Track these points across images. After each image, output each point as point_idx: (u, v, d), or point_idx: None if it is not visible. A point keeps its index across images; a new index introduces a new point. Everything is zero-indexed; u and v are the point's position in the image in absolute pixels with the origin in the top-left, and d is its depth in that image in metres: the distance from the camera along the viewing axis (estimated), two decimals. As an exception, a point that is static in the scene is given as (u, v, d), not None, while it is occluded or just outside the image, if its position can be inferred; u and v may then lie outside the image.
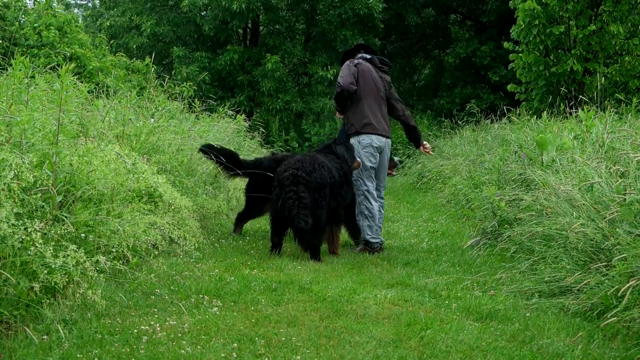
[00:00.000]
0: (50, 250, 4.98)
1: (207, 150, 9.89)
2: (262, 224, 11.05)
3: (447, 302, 6.56)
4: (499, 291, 6.88)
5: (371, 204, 9.24)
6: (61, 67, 6.16)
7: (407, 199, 15.78)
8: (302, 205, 8.20)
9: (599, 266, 6.14)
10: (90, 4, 35.13)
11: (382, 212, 9.55)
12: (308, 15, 29.01)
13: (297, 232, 8.41)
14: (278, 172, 8.60)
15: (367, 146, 9.28)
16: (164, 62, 29.97)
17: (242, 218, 10.32)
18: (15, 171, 5.09)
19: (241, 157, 10.55)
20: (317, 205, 8.33)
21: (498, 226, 8.94)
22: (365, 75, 9.36)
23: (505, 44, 19.16)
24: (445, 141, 19.71)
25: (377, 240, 9.22)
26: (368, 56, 9.56)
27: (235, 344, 5.12)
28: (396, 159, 10.59)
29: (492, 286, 7.12)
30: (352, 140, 9.33)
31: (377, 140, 9.32)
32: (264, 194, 9.64)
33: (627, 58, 17.94)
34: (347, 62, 9.45)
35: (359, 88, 9.30)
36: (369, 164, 9.27)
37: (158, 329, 5.34)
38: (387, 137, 9.43)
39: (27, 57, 7.30)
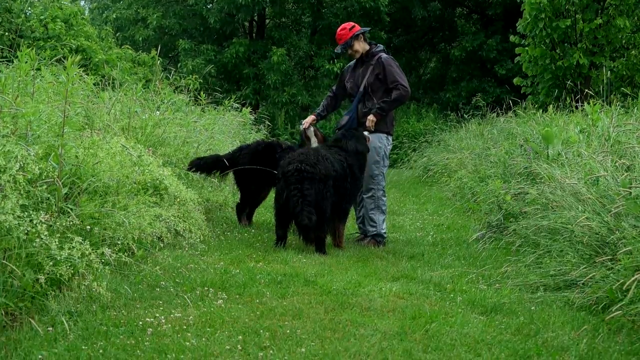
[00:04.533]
0: (55, 242, 4.99)
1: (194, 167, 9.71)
2: (267, 216, 11.05)
3: (452, 295, 6.56)
4: (504, 284, 6.87)
5: (386, 199, 9.42)
6: (67, 60, 6.16)
7: (413, 192, 15.76)
8: (307, 202, 8.19)
9: (604, 260, 6.13)
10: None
11: None
12: (314, 8, 29.01)
13: (301, 229, 8.42)
14: (282, 165, 8.58)
15: (390, 144, 9.41)
16: (170, 55, 29.99)
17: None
18: (21, 163, 5.10)
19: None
20: (322, 197, 8.32)
21: (503, 220, 8.93)
22: None
23: (512, 38, 19.14)
24: (451, 135, 19.70)
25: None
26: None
27: (240, 337, 5.13)
28: None
29: (498, 280, 7.11)
30: (381, 137, 9.24)
31: None
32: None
33: (633, 52, 17.93)
34: (393, 59, 9.38)
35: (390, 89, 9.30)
36: (388, 162, 9.41)
37: (163, 321, 5.35)
38: None
39: (33, 49, 7.31)
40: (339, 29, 9.53)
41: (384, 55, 9.29)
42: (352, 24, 9.56)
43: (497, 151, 12.43)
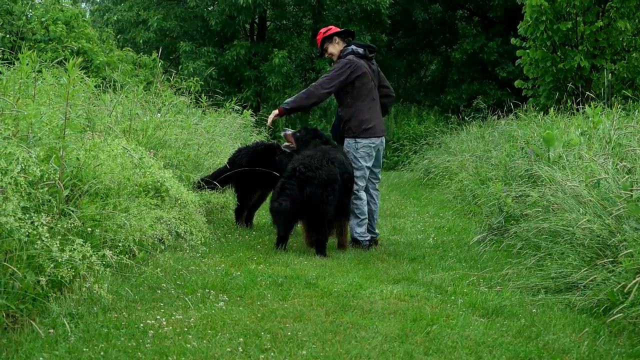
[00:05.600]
0: (56, 244, 4.99)
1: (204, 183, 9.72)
2: (267, 219, 11.05)
3: (453, 297, 6.56)
4: (505, 287, 6.87)
5: (361, 202, 9.13)
6: (68, 62, 6.16)
7: (414, 194, 15.76)
8: (285, 194, 8.32)
9: (605, 262, 6.13)
10: (97, -1, 35.16)
11: (378, 204, 9.53)
12: (315, 11, 29.02)
13: (271, 213, 8.60)
14: (287, 165, 8.67)
15: (364, 147, 9.07)
16: (171, 57, 29.97)
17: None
18: (22, 165, 5.10)
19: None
20: (323, 200, 8.31)
21: (504, 222, 8.93)
22: (363, 77, 9.05)
23: (513, 40, 19.13)
24: (452, 137, 19.68)
25: (366, 238, 9.14)
26: (361, 51, 9.18)
27: (241, 339, 5.13)
28: None
29: (499, 282, 7.11)
30: (349, 141, 9.11)
31: (375, 140, 9.16)
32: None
33: (634, 54, 17.92)
34: (343, 62, 9.04)
35: (357, 92, 9.04)
36: (364, 164, 9.08)
37: (164, 323, 5.36)
38: (383, 135, 9.34)
39: (34, 51, 7.31)
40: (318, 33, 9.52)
41: (342, 59, 9.16)
42: (329, 27, 9.49)
43: (498, 154, 12.43)
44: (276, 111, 9.17)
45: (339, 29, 9.42)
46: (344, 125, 9.17)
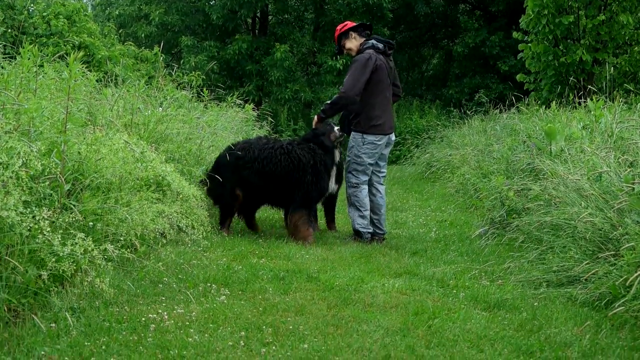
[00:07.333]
0: (58, 238, 4.99)
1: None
2: (269, 213, 11.05)
3: (455, 291, 6.56)
4: (507, 280, 6.87)
5: (362, 195, 9.16)
6: (70, 56, 6.16)
7: (416, 188, 15.75)
8: None
9: (607, 256, 6.13)
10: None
11: (384, 197, 9.48)
12: (317, 5, 28.98)
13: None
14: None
15: (370, 143, 9.05)
16: (173, 52, 29.96)
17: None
18: (24, 159, 5.10)
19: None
20: None
21: (506, 216, 8.92)
22: (380, 73, 8.99)
23: (515, 34, 19.07)
24: (453, 131, 19.65)
25: (368, 230, 9.17)
26: (381, 46, 9.10)
27: (243, 332, 5.13)
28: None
29: (500, 275, 7.11)
30: (356, 135, 9.07)
31: (382, 138, 9.13)
32: None
33: (636, 48, 17.86)
34: (365, 57, 8.93)
35: (372, 87, 8.95)
36: (368, 160, 9.08)
37: (166, 317, 5.36)
38: (391, 133, 9.31)
39: (35, 45, 7.29)
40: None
41: (362, 54, 9.07)
42: (345, 23, 9.42)
43: (500, 147, 12.42)
44: (316, 118, 9.37)
45: (354, 24, 9.37)
46: (353, 117, 9.11)
